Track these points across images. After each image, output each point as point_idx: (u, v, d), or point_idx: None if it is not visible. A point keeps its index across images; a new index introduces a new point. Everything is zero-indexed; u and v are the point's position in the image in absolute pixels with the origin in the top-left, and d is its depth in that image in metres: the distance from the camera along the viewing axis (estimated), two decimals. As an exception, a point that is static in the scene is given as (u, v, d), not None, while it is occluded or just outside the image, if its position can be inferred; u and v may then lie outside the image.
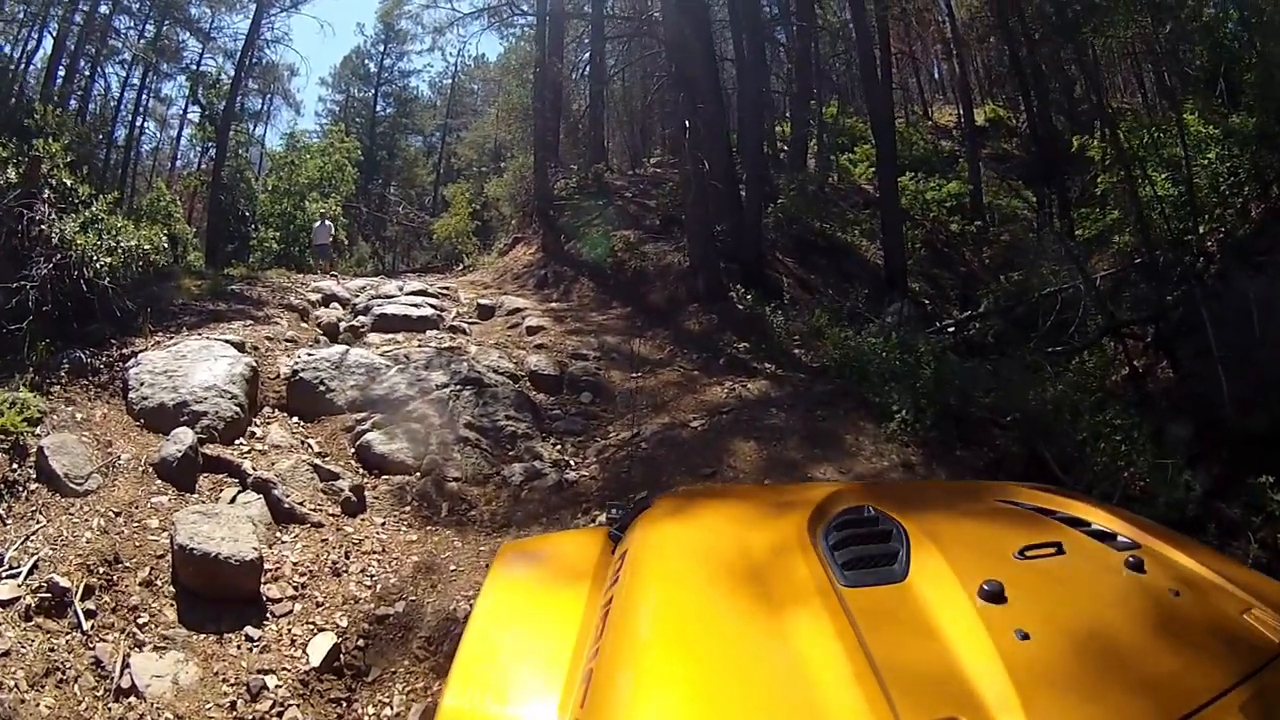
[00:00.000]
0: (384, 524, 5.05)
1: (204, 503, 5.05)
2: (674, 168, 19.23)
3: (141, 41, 18.13)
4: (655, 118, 25.59)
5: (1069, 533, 1.55)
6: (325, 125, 26.94)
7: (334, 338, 8.86)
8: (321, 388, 6.38)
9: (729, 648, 1.26)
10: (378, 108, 31.72)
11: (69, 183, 6.82)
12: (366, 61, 31.78)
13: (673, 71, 10.72)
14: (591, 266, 12.02)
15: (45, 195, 6.59)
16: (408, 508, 5.23)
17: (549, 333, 9.05)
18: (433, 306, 10.05)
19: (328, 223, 15.75)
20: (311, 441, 5.97)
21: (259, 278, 11.93)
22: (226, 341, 6.81)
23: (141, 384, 6.15)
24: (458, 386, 6.52)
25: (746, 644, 1.26)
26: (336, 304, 10.70)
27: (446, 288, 11.86)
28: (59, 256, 6.42)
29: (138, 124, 21.40)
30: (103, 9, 16.56)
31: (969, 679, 1.07)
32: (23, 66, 15.93)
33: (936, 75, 31.15)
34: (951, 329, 11.59)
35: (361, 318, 9.45)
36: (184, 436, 5.41)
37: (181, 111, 21.08)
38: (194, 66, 19.25)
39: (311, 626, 3.99)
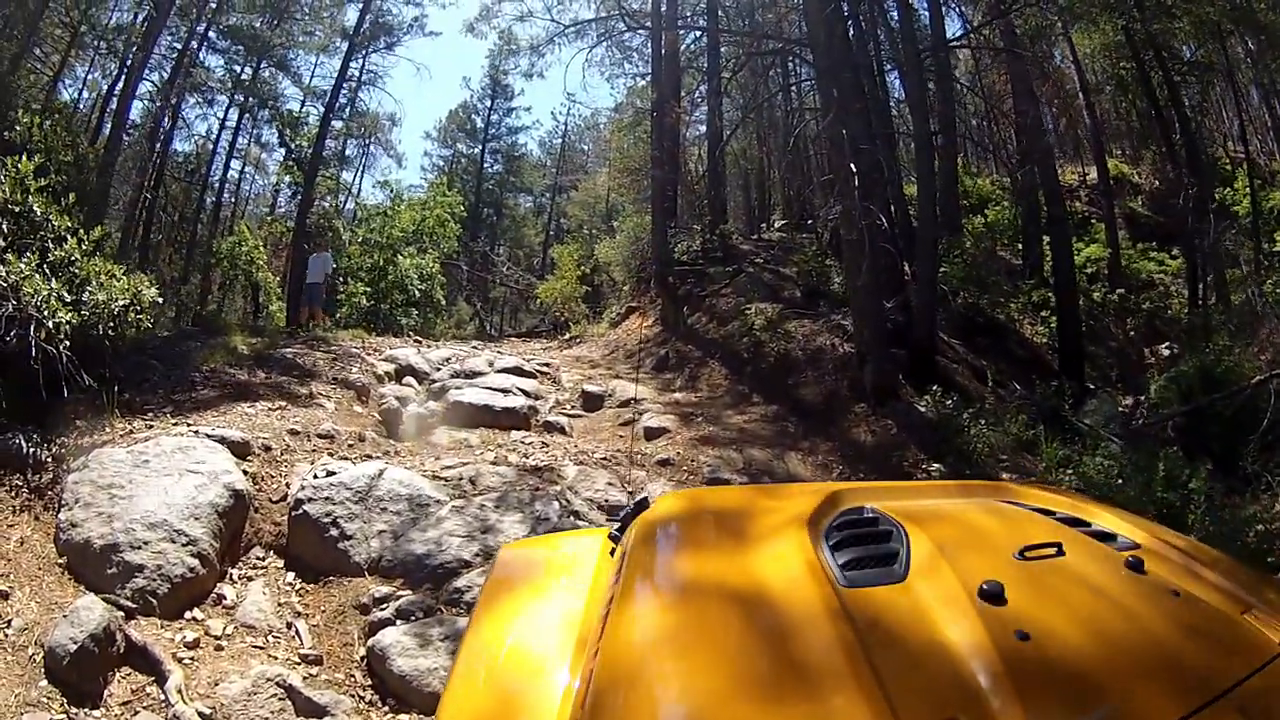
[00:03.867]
0: None
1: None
2: (801, 231, 16.94)
3: (228, 79, 17.38)
4: (774, 177, 23.41)
5: (1069, 533, 1.48)
6: (430, 179, 26.11)
7: (393, 430, 6.66)
8: (334, 531, 4.06)
9: (729, 648, 1.19)
10: (485, 164, 30.80)
11: (39, 210, 4.95)
12: (474, 117, 30.99)
13: (835, 97, 8.24)
14: (723, 346, 9.52)
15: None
16: (434, 805, 2.78)
17: (674, 439, 6.53)
18: (525, 391, 7.76)
19: (324, 255, 13.69)
20: (302, 626, 3.64)
21: (325, 339, 10.12)
22: (219, 440, 4.66)
23: (77, 500, 4.07)
24: (543, 543, 4.08)
25: (746, 644, 1.20)
26: (411, 379, 8.58)
27: (547, 364, 9.63)
28: (3, 308, 4.52)
29: (233, 166, 20.87)
30: (167, 42, 15.76)
31: (969, 679, 1.02)
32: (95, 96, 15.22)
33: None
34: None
35: (432, 404, 7.22)
36: (87, 615, 3.24)
37: (282, 157, 20.40)
38: (290, 110, 18.38)
39: None
